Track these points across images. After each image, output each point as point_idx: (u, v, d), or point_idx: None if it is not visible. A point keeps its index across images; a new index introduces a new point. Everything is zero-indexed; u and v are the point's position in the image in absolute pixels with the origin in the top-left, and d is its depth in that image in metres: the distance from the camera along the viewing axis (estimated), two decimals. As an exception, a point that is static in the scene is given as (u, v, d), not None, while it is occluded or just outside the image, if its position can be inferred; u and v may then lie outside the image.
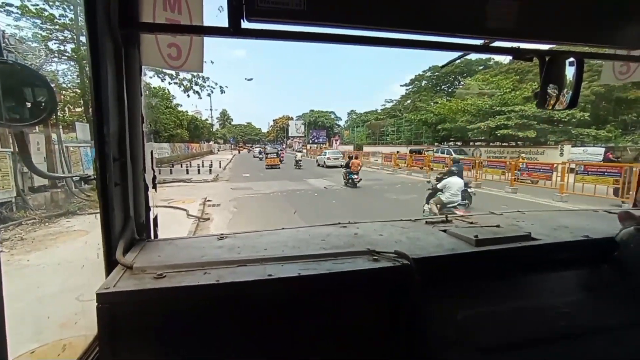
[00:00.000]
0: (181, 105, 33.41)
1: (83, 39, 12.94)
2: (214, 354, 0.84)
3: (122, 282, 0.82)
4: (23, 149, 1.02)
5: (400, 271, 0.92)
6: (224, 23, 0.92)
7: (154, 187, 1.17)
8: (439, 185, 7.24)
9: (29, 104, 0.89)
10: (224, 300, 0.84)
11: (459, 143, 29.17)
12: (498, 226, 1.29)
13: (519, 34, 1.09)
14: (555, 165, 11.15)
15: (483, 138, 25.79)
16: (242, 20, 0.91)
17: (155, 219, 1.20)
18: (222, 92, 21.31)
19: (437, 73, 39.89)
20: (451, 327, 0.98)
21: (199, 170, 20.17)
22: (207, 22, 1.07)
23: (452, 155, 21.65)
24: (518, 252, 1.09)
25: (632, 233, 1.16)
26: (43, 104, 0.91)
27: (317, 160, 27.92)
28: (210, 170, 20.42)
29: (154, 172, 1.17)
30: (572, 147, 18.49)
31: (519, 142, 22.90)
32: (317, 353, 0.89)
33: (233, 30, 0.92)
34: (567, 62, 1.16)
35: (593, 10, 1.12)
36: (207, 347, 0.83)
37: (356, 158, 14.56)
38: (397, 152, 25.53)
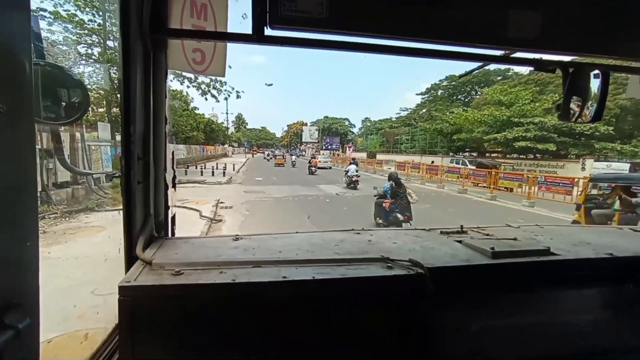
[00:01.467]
0: (198, 109, 34.26)
1: (110, 43, 13.60)
2: (228, 350, 0.85)
3: (142, 277, 0.85)
4: (58, 146, 1.09)
5: (414, 280, 0.92)
6: (247, 29, 0.94)
7: (174, 186, 1.20)
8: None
9: (64, 104, 0.93)
10: (239, 300, 0.85)
11: (474, 154, 28.63)
12: (515, 239, 1.27)
13: (541, 45, 1.09)
14: (576, 179, 10.78)
15: (500, 149, 25.24)
16: (265, 28, 0.94)
17: (173, 218, 1.22)
18: (238, 96, 21.76)
19: (454, 82, 39.53)
20: (465, 338, 0.96)
21: (213, 172, 20.58)
22: (231, 29, 1.10)
23: (467, 165, 21.42)
24: (536, 266, 1.06)
25: None
26: (77, 104, 0.95)
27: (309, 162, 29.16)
28: (224, 172, 20.78)
29: (174, 172, 1.20)
30: (595, 161, 17.84)
31: (537, 155, 22.28)
32: (328, 356, 0.90)
33: (257, 37, 0.94)
34: (591, 74, 1.13)
35: (618, 22, 1.12)
36: (221, 343, 0.85)
37: (313, 158, 15.51)
38: (413, 160, 25.25)
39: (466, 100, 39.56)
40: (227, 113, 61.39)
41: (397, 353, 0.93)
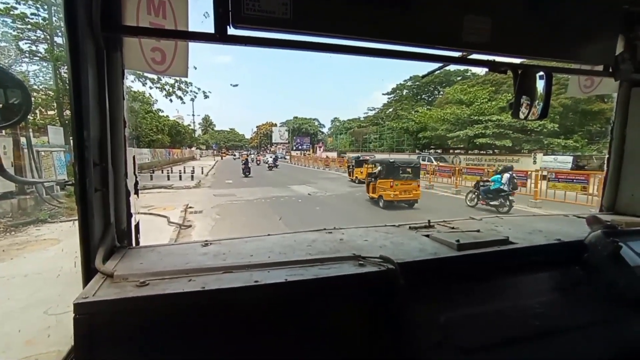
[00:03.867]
0: (162, 111, 32.54)
1: (58, 39, 12.58)
2: None
3: (102, 291, 0.79)
4: None
5: (385, 275, 0.94)
6: (210, 29, 0.93)
7: (136, 193, 1.15)
8: None
9: (0, 106, 0.86)
10: (210, 307, 0.82)
11: (439, 151, 30.02)
12: (478, 231, 1.34)
13: (493, 48, 1.18)
14: (529, 172, 11.67)
15: (462, 146, 26.73)
16: (228, 27, 0.93)
17: (137, 226, 1.18)
18: (206, 97, 21.22)
19: (417, 82, 41.15)
20: (435, 328, 0.99)
21: (180, 176, 19.68)
22: (192, 28, 1.07)
23: (432, 162, 22.40)
24: (497, 255, 1.14)
25: (599, 236, 1.25)
26: (16, 105, 0.87)
27: (262, 161, 31.87)
28: (192, 176, 19.95)
29: (136, 177, 1.15)
30: (544, 155, 19.46)
31: (495, 150, 23.87)
32: (304, 357, 0.89)
33: (219, 37, 0.93)
34: (537, 75, 1.23)
35: (561, 29, 1.22)
36: (192, 355, 0.81)
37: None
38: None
39: (429, 99, 41.33)
40: (193, 115, 59.22)
41: (371, 348, 0.94)
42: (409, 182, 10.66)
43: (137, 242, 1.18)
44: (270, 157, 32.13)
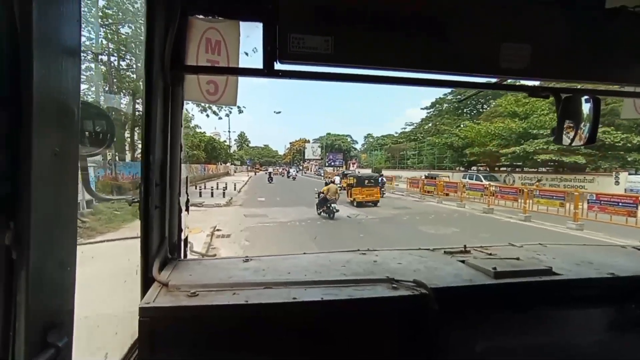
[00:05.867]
0: (199, 127, 33.37)
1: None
2: None
3: (160, 298, 0.89)
4: (85, 172, 1.03)
5: (418, 300, 0.94)
6: (257, 61, 1.04)
7: (187, 209, 1.25)
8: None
9: (94, 136, 0.95)
10: (252, 320, 0.88)
11: (486, 168, 27.14)
12: (518, 259, 1.28)
13: (531, 73, 1.14)
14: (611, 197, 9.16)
15: (518, 164, 23.72)
16: (275, 62, 1.02)
17: (186, 239, 1.27)
18: (240, 112, 21.63)
19: (459, 96, 38.63)
20: (470, 358, 1.00)
21: (212, 193, 19.14)
22: (242, 60, 1.19)
23: (482, 181, 20.00)
24: (538, 286, 1.08)
25: None
26: (102, 134, 0.98)
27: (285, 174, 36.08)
28: (224, 193, 19.36)
29: (187, 195, 1.26)
30: (629, 175, 16.25)
31: (559, 168, 20.72)
32: None
33: (267, 71, 1.03)
34: (582, 99, 1.16)
35: (608, 51, 1.15)
36: None
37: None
38: (424, 176, 23.79)
39: (472, 113, 38.48)
40: (229, 131, 61.06)
41: None
42: (372, 188, 15.54)
43: (186, 255, 1.28)
44: (293, 170, 44.49)
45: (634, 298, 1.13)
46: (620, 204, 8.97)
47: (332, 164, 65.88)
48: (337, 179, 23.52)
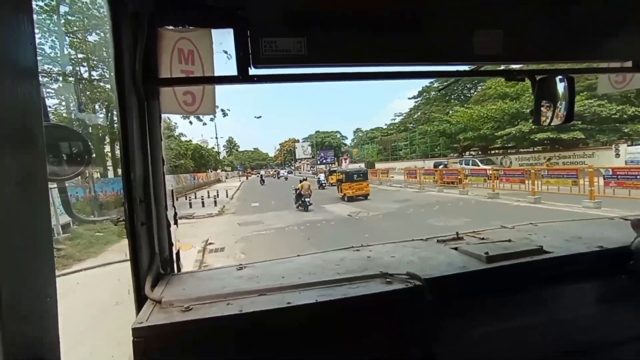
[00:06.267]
0: (184, 135, 32.13)
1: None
2: None
3: (154, 316, 0.87)
4: (64, 195, 1.07)
5: (412, 292, 0.94)
6: (232, 67, 1.03)
7: (175, 223, 1.22)
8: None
9: (67, 159, 0.97)
10: (247, 329, 0.87)
11: (476, 152, 26.79)
12: (509, 241, 1.30)
13: (506, 58, 1.15)
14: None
15: (513, 145, 23.36)
16: (249, 68, 1.01)
17: (177, 253, 1.24)
18: (225, 114, 21.12)
19: (444, 83, 38.22)
20: (468, 345, 0.99)
21: (202, 202, 18.18)
22: (217, 67, 1.16)
23: (479, 166, 19.58)
24: (530, 266, 1.08)
25: None
26: (79, 155, 1.00)
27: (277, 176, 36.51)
28: (215, 202, 18.42)
29: (174, 209, 1.23)
30: (629, 146, 15.93)
31: (556, 146, 20.40)
32: None
33: (242, 78, 1.02)
34: (557, 79, 1.17)
35: (580, 30, 1.14)
36: None
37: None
38: (418, 166, 23.20)
39: (460, 98, 38.16)
40: (217, 137, 59.95)
41: None
42: (361, 183, 15.96)
43: (179, 269, 1.25)
44: (284, 171, 46.40)
45: (623, 269, 1.14)
46: (638, 176, 8.44)
47: (324, 161, 65.43)
48: (322, 177, 25.60)
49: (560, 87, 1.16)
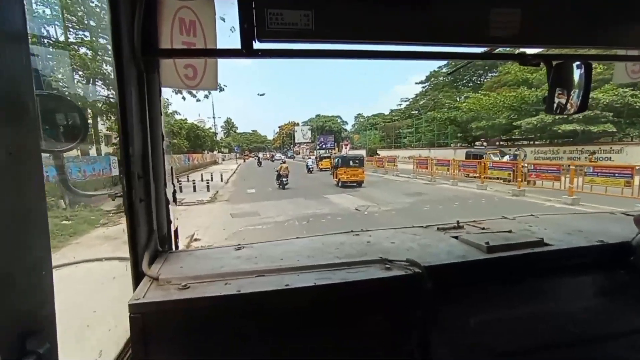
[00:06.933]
0: (178, 113, 30.16)
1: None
2: (237, 359, 0.87)
3: (151, 293, 0.86)
4: (61, 170, 0.99)
5: (412, 279, 0.94)
6: (236, 42, 0.96)
7: (174, 200, 1.21)
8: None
9: (63, 130, 0.92)
10: (245, 309, 0.86)
11: (498, 143, 25.26)
12: (510, 231, 1.29)
13: (522, 40, 1.09)
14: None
15: (530, 136, 21.85)
16: (254, 42, 0.95)
17: (175, 231, 1.23)
18: (221, 90, 20.63)
19: (456, 66, 36.15)
20: (465, 332, 0.99)
21: (194, 187, 16.66)
22: (220, 41, 1.12)
23: (491, 158, 18.12)
24: (530, 258, 1.08)
25: None
26: (76, 127, 0.94)
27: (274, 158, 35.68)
28: (207, 186, 16.90)
29: (174, 186, 1.22)
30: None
31: (576, 139, 18.90)
32: (332, 358, 0.91)
33: (245, 52, 0.95)
34: (574, 65, 1.13)
35: (600, 14, 1.11)
36: (229, 352, 0.86)
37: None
38: (431, 156, 21.61)
39: (469, 85, 36.22)
40: (214, 117, 57.97)
41: (399, 351, 0.95)
42: (356, 169, 15.85)
43: (177, 246, 1.23)
44: (279, 155, 48.14)
45: (623, 263, 1.13)
46: None
47: (324, 146, 63.96)
48: (309, 161, 27.50)
49: (577, 74, 1.12)
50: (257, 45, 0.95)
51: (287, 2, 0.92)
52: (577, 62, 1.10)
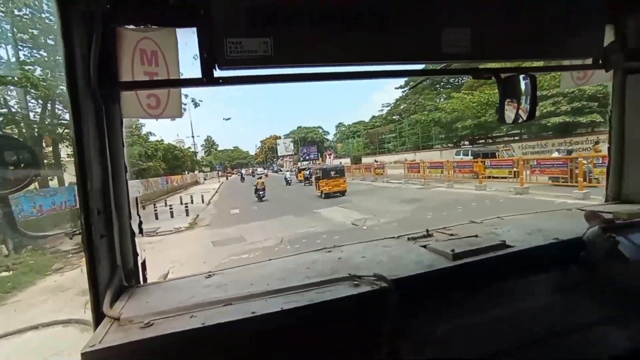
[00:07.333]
0: (153, 134, 28.56)
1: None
2: None
3: (109, 336, 0.81)
4: (8, 213, 0.97)
5: (379, 294, 0.93)
6: (199, 69, 0.97)
7: (141, 232, 1.17)
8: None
9: (12, 169, 0.91)
10: (211, 342, 0.83)
11: (482, 141, 25.09)
12: (476, 236, 1.31)
13: (475, 56, 1.15)
14: None
15: (519, 131, 21.74)
16: (214, 70, 0.97)
17: (143, 263, 1.19)
18: (197, 105, 21.37)
19: (415, 83, 36.54)
20: (433, 342, 1.00)
21: (171, 212, 15.14)
22: (182, 68, 1.10)
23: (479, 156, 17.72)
24: (493, 261, 1.10)
25: (597, 232, 1.18)
26: (26, 168, 0.93)
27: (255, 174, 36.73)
28: (186, 210, 15.42)
29: (139, 217, 1.18)
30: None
31: (564, 132, 18.83)
32: None
33: (206, 80, 0.98)
34: (520, 77, 1.20)
35: (544, 28, 1.17)
36: None
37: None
38: (419, 160, 20.97)
39: (447, 87, 36.55)
40: (192, 136, 56.29)
41: None
42: (338, 179, 16.03)
43: (145, 280, 1.18)
44: (260, 169, 48.19)
45: (575, 259, 1.17)
46: None
47: (307, 157, 63.75)
48: (287, 174, 29.01)
49: (523, 85, 1.18)
50: (217, 73, 0.97)
51: (245, 31, 0.93)
52: (523, 75, 1.19)
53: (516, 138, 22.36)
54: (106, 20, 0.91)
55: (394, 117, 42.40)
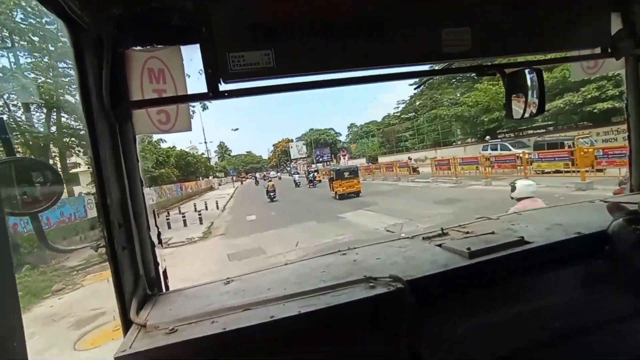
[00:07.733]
0: (164, 141, 28.12)
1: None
2: None
3: (138, 342, 0.84)
4: (39, 230, 1.03)
5: (395, 295, 0.93)
6: (204, 83, 1.01)
7: (160, 242, 1.22)
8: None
9: (39, 191, 0.95)
10: (232, 347, 0.85)
11: (512, 135, 23.31)
12: (493, 233, 1.29)
13: (477, 54, 1.15)
14: None
15: (551, 123, 19.94)
16: (219, 84, 1.01)
17: (164, 272, 1.22)
18: (205, 108, 21.02)
19: (420, 83, 34.79)
20: (453, 341, 0.99)
21: (184, 221, 14.30)
22: (190, 83, 1.12)
23: (510, 150, 16.10)
24: (511, 259, 1.07)
25: (622, 224, 1.12)
26: (51, 188, 0.97)
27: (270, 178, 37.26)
28: (200, 218, 14.54)
29: (158, 228, 1.23)
30: None
31: (584, 122, 16.98)
32: None
33: (212, 94, 1.02)
34: (526, 72, 1.19)
35: (547, 21, 1.17)
36: None
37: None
38: (450, 156, 19.47)
39: (463, 81, 34.76)
40: (205, 142, 56.32)
41: None
42: (351, 180, 16.13)
43: (167, 287, 1.21)
44: (274, 173, 47.95)
45: (599, 253, 1.13)
46: None
47: (321, 159, 62.99)
48: (296, 177, 31.40)
49: (529, 79, 1.17)
50: (222, 86, 1.00)
51: (247, 45, 0.97)
52: (528, 69, 1.17)
53: (550, 129, 20.51)
54: (115, 44, 0.97)
55: (409, 114, 40.81)
